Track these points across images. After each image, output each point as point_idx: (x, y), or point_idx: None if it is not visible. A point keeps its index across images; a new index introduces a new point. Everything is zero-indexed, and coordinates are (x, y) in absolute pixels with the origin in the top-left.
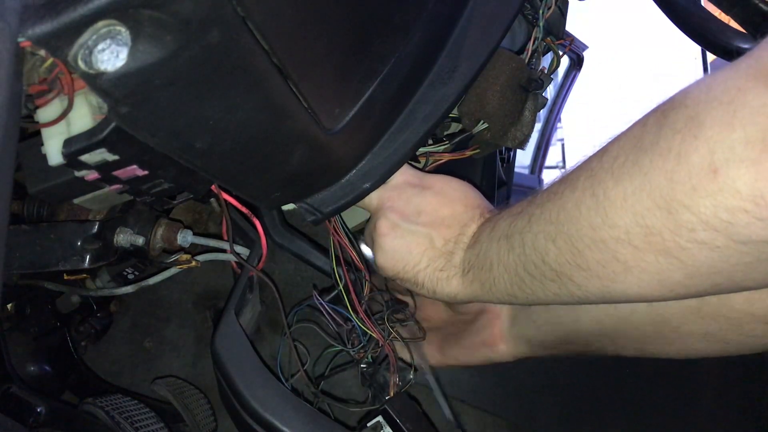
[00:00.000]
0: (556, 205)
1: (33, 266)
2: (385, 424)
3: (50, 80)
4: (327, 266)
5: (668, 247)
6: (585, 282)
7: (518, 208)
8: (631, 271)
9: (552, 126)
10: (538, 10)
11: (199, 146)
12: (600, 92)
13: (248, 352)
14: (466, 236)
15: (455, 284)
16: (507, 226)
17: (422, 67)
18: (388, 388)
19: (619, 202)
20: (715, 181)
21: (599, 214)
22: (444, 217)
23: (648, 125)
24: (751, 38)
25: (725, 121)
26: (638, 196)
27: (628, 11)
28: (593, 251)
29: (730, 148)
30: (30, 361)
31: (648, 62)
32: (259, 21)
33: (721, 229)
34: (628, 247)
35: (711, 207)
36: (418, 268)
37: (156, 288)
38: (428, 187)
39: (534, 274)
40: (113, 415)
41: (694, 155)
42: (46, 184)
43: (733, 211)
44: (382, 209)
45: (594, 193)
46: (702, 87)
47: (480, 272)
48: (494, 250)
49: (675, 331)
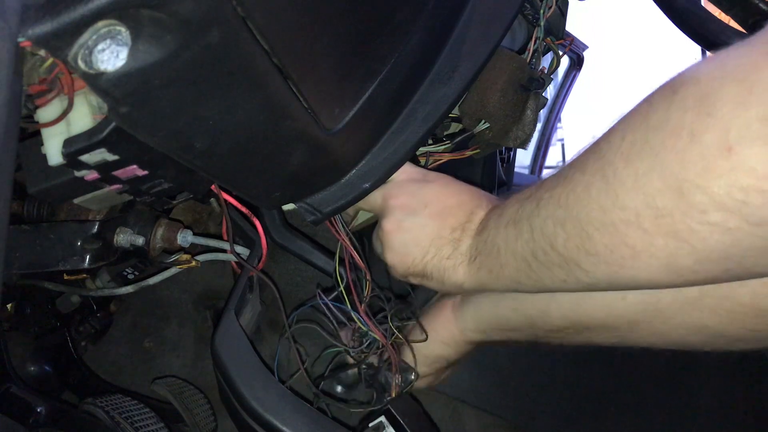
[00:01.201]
0: (566, 188)
1: (33, 266)
2: (388, 425)
3: (50, 80)
4: (328, 266)
5: (678, 229)
6: (593, 268)
7: (527, 193)
8: (640, 256)
9: (552, 126)
10: (538, 10)
11: (199, 146)
12: (600, 92)
13: (248, 352)
14: (473, 223)
15: (462, 272)
16: (515, 211)
17: (422, 67)
18: (390, 389)
19: (629, 183)
20: (729, 160)
21: (609, 196)
22: (451, 206)
23: (655, 102)
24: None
25: (740, 98)
26: (649, 176)
27: (628, 11)
28: (602, 235)
29: (745, 126)
30: (30, 361)
31: (648, 62)
32: (259, 21)
33: (734, 209)
34: (638, 231)
35: (724, 187)
36: (426, 258)
37: (156, 288)
38: (432, 181)
39: (541, 260)
40: (113, 415)
41: (707, 134)
42: (46, 184)
43: (747, 191)
44: (387, 208)
45: (604, 175)
46: (715, 63)
47: (487, 259)
48: (501, 236)
49: (665, 322)
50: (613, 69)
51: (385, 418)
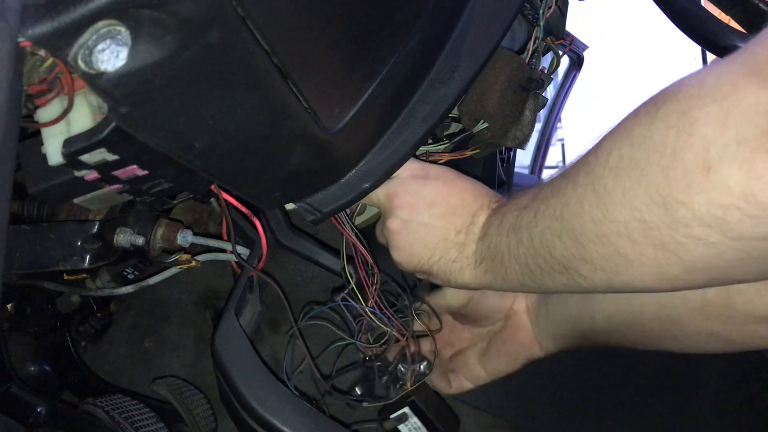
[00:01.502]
0: (560, 201)
1: (33, 266)
2: (412, 414)
3: (50, 80)
4: (336, 265)
5: (666, 241)
6: (591, 274)
7: (524, 200)
8: (633, 265)
9: (552, 126)
10: (538, 9)
11: (199, 146)
12: (600, 92)
13: (248, 352)
14: (476, 226)
15: (468, 275)
16: (514, 219)
17: (422, 67)
18: (406, 381)
19: (618, 197)
20: (709, 179)
21: (600, 210)
22: (455, 206)
23: (639, 117)
24: (751, 38)
25: (719, 119)
26: (636, 191)
27: (628, 11)
28: (596, 245)
29: (723, 147)
30: (30, 361)
31: (648, 62)
32: (259, 21)
33: (714, 225)
34: (628, 241)
35: (705, 203)
36: (433, 260)
37: (156, 288)
38: (435, 178)
39: (543, 267)
40: (113, 415)
41: (689, 152)
42: (46, 184)
43: (725, 208)
44: (392, 206)
45: (594, 189)
46: (695, 81)
47: (492, 264)
48: (504, 243)
49: (682, 330)
50: (613, 69)
51: (408, 409)
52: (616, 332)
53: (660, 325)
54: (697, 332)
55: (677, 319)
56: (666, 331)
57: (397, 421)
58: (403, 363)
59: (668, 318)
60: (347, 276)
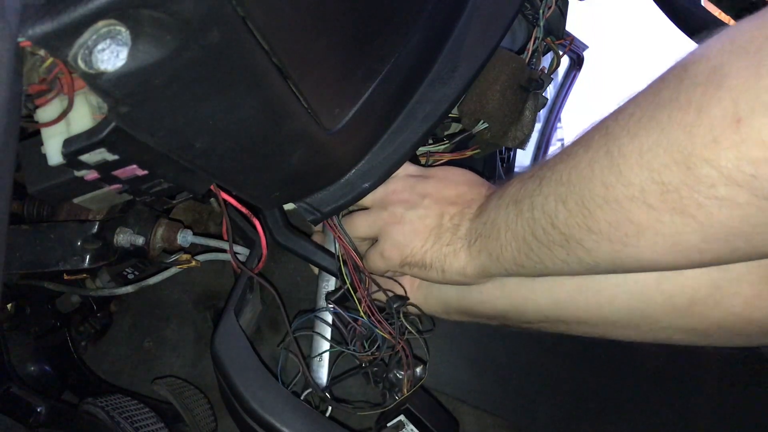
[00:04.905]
0: (569, 165)
1: (33, 266)
2: (408, 422)
3: (50, 80)
4: (332, 266)
5: (685, 205)
6: (595, 246)
7: (529, 172)
8: (645, 234)
9: (552, 126)
10: (538, 9)
11: (199, 146)
12: (600, 92)
13: (248, 352)
14: (471, 209)
15: (463, 257)
16: (516, 191)
17: (422, 67)
18: (402, 386)
19: (634, 158)
20: (739, 132)
21: (613, 172)
22: (449, 196)
23: (667, 80)
24: None
25: (751, 69)
26: (655, 151)
27: (628, 11)
28: (605, 212)
29: (755, 97)
30: (30, 361)
31: (648, 62)
32: (259, 21)
33: (743, 183)
34: (643, 207)
35: (733, 159)
36: (426, 247)
37: (156, 288)
38: (431, 176)
39: (542, 240)
40: (113, 415)
41: (716, 107)
42: (46, 184)
43: (757, 163)
44: (388, 203)
45: (608, 151)
46: (725, 39)
47: (487, 241)
48: (502, 216)
49: (652, 324)
50: (613, 69)
51: (404, 417)
52: (556, 320)
53: (629, 321)
54: (670, 326)
55: (651, 315)
56: (631, 323)
57: (394, 430)
58: (398, 369)
59: (641, 313)
60: (343, 276)
